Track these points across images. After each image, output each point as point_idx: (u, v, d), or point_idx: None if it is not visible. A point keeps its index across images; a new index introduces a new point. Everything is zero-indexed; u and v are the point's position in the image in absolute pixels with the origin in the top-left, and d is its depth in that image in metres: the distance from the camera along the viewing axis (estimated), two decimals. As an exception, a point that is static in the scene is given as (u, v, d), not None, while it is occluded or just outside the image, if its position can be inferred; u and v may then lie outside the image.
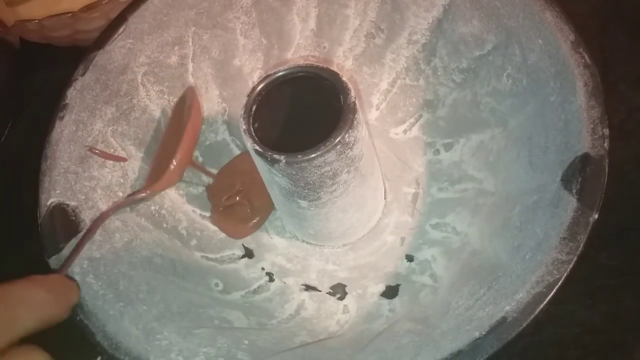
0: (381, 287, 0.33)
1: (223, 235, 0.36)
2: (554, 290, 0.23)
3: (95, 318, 0.27)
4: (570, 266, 0.23)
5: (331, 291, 0.33)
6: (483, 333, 0.23)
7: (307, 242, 0.35)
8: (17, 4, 0.41)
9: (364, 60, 0.38)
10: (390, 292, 0.32)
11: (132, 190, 0.34)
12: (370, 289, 0.33)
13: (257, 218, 0.36)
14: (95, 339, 0.26)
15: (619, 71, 0.37)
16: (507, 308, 0.23)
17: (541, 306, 0.23)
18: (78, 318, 0.27)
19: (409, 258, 0.33)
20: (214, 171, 0.37)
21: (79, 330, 0.27)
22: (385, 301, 0.32)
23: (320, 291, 0.33)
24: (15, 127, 0.45)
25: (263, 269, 0.35)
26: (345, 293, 0.33)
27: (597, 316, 0.32)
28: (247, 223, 0.36)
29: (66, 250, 0.29)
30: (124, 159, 0.34)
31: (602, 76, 0.27)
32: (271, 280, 0.34)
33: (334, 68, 0.37)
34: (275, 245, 0.35)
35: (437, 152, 0.36)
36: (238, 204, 0.36)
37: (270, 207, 0.36)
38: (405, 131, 0.37)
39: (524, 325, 0.23)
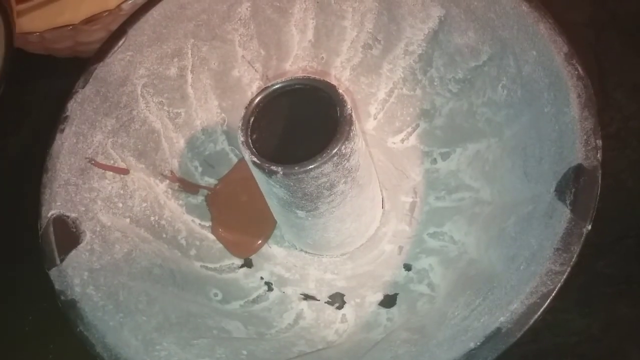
0: (379, 296, 0.33)
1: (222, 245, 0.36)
2: (548, 301, 0.23)
3: (95, 329, 0.27)
4: (564, 277, 0.24)
5: (329, 300, 0.33)
6: (478, 344, 0.23)
7: (306, 252, 0.35)
8: (18, 16, 0.42)
9: (361, 71, 0.38)
10: (389, 301, 0.32)
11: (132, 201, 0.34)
12: (368, 298, 0.33)
13: (262, 238, 0.36)
14: (95, 350, 0.27)
15: (614, 80, 0.38)
16: (502, 319, 0.23)
17: (535, 317, 0.23)
18: (78, 329, 0.27)
19: (407, 267, 0.33)
20: (213, 181, 0.38)
21: (79, 342, 0.27)
22: (383, 310, 0.32)
23: (318, 300, 0.34)
24: (16, 137, 0.46)
25: (262, 278, 0.35)
26: (344, 302, 0.33)
27: (595, 325, 0.32)
28: (251, 242, 0.36)
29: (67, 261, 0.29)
30: (126, 171, 0.34)
31: (598, 85, 0.28)
32: (270, 289, 0.34)
33: (332, 78, 0.38)
34: (274, 255, 0.36)
35: (434, 161, 0.36)
36: (244, 217, 0.36)
37: (273, 223, 0.36)
38: (402, 140, 0.37)
39: (519, 336, 0.23)
